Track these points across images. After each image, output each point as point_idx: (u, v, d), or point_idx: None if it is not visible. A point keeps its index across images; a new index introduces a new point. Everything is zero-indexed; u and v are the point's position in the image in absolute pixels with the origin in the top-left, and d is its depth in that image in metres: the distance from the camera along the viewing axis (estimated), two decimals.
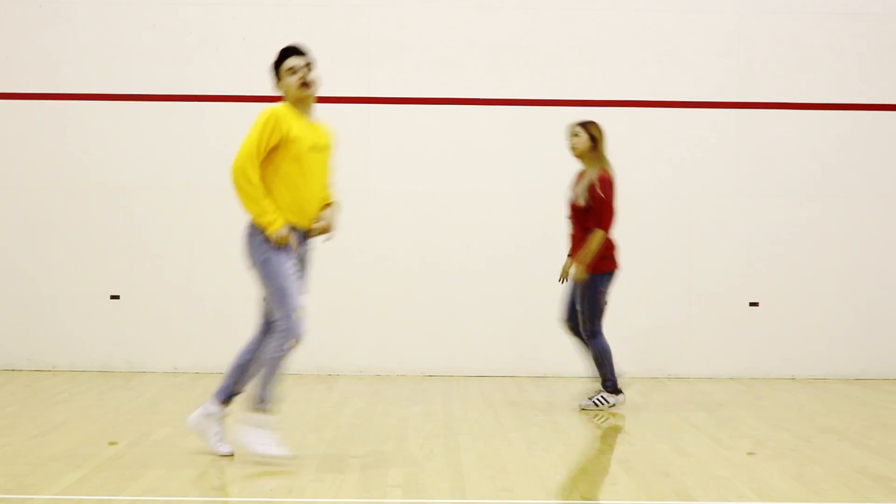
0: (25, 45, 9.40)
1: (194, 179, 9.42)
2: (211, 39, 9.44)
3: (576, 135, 7.64)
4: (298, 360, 9.38)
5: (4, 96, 9.41)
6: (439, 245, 9.46)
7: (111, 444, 6.27)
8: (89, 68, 9.40)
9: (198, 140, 9.42)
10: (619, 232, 8.01)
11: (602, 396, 7.64)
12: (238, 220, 9.50)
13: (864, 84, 9.54)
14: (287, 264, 5.81)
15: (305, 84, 5.92)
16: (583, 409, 7.66)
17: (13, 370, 9.38)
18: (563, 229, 9.49)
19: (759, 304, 9.53)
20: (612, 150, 8.02)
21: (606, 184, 7.52)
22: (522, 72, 9.51)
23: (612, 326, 8.92)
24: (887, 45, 9.55)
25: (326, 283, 9.39)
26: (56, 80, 9.40)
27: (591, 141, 7.62)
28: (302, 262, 6.00)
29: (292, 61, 5.93)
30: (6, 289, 9.41)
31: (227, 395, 6.01)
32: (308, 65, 5.95)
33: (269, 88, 9.67)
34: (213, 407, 6.00)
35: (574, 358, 9.33)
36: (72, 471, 5.56)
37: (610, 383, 7.63)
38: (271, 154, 5.83)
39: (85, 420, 7.06)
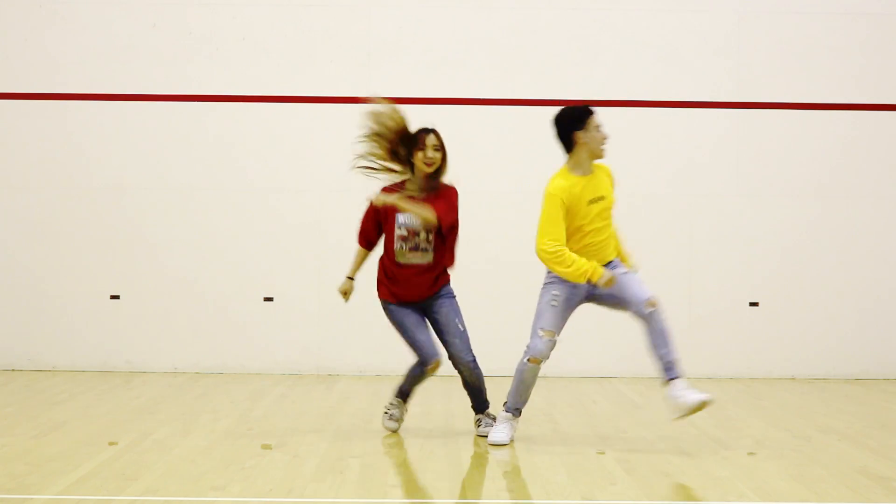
0: (26, 46, 9.40)
1: (194, 179, 9.42)
2: (211, 39, 9.44)
3: None
4: (298, 360, 9.42)
5: (5, 96, 9.41)
6: None
7: (111, 444, 6.28)
8: (89, 68, 9.40)
9: (198, 140, 9.42)
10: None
11: None
12: (237, 220, 9.57)
13: (864, 84, 9.54)
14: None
15: None
16: None
17: (13, 370, 9.38)
18: None
19: (759, 304, 9.53)
20: (612, 150, 8.01)
21: None
22: (522, 71, 9.51)
23: (611, 326, 8.94)
24: (887, 45, 9.55)
25: (326, 283, 9.40)
26: (56, 80, 9.40)
27: None
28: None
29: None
30: (6, 288, 9.41)
31: None
32: None
33: (268, 88, 9.75)
34: None
35: (574, 358, 9.33)
36: (72, 471, 5.56)
37: None
38: None
39: (85, 420, 7.06)
